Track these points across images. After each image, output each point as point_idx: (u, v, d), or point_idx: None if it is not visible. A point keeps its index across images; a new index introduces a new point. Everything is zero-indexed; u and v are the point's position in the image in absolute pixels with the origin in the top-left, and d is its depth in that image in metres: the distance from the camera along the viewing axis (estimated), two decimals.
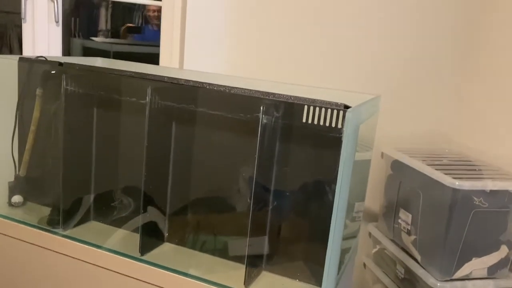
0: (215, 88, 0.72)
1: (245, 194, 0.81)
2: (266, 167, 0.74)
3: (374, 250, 1.67)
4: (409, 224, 1.43)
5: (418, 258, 1.38)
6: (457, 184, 1.23)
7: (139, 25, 3.44)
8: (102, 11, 3.47)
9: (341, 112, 0.67)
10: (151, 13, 3.26)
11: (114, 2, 3.37)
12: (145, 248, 0.84)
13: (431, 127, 1.71)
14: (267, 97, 0.70)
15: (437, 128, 1.71)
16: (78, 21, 3.34)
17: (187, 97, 0.79)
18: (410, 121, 1.70)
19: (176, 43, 1.61)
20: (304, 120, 0.72)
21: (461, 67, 1.66)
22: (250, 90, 0.70)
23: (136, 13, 3.52)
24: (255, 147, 0.74)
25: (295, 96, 0.70)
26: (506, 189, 1.25)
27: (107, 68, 0.81)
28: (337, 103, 0.67)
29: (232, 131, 0.78)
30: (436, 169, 1.32)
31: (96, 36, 3.31)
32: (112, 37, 3.40)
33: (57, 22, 1.52)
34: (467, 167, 1.41)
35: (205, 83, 0.73)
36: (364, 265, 1.71)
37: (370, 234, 1.68)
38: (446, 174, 1.28)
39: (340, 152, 0.67)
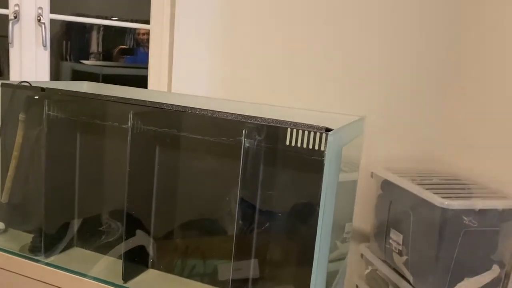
0: (197, 112, 0.72)
1: (230, 218, 0.80)
2: (250, 191, 0.73)
3: (367, 271, 1.65)
4: (400, 245, 1.42)
5: (410, 279, 1.37)
6: (446, 203, 1.23)
7: (132, 47, 3.45)
8: (94, 34, 3.49)
9: (323, 135, 0.67)
10: (140, 36, 3.28)
11: (105, 25, 3.39)
12: (128, 275, 0.82)
13: (421, 147, 1.71)
14: (249, 121, 0.69)
15: (427, 148, 1.72)
16: (69, 45, 3.35)
17: (170, 121, 0.79)
18: (400, 141, 1.70)
19: (165, 66, 1.62)
20: (287, 143, 0.71)
21: (450, 87, 1.68)
22: (232, 114, 0.70)
23: (127, 36, 3.54)
24: (239, 171, 0.73)
25: (277, 119, 0.69)
26: (495, 208, 1.25)
27: (89, 93, 0.80)
28: (319, 126, 0.67)
29: (216, 155, 0.77)
30: (426, 189, 1.32)
31: (87, 59, 3.32)
32: (104, 59, 3.41)
33: (44, 46, 1.53)
34: (456, 186, 1.41)
35: (187, 107, 0.73)
36: (357, 286, 1.69)
37: (362, 255, 1.66)
38: (435, 193, 1.28)
39: (323, 175, 0.66)
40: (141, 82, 1.97)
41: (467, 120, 1.62)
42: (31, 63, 1.53)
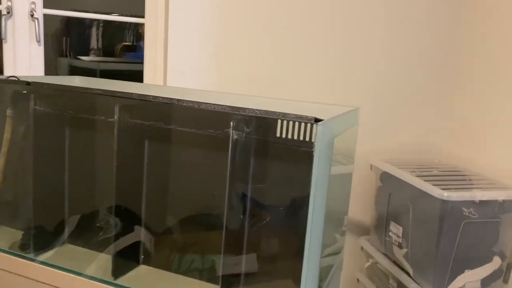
0: (184, 104, 0.70)
1: (221, 212, 0.78)
2: (239, 185, 0.71)
3: (367, 264, 1.63)
4: (400, 237, 1.41)
5: (410, 271, 1.35)
6: (446, 195, 1.21)
7: (132, 43, 3.43)
8: (93, 31, 3.47)
9: (312, 126, 0.65)
10: (142, 31, 3.26)
11: (105, 21, 3.37)
12: (118, 271, 0.81)
13: (421, 138, 1.69)
14: (236, 112, 0.68)
15: (428, 140, 1.69)
16: (68, 41, 3.34)
17: (157, 114, 0.77)
18: (401, 132, 1.68)
19: (160, 60, 1.60)
20: (277, 135, 0.70)
21: (450, 77, 1.65)
22: (219, 105, 0.68)
23: (128, 32, 3.52)
24: (231, 164, 0.71)
25: (266, 110, 0.67)
26: (496, 199, 1.23)
27: (75, 87, 0.79)
28: (308, 116, 0.65)
29: (205, 148, 0.76)
30: (425, 180, 1.30)
31: (87, 55, 3.31)
32: (105, 56, 3.39)
33: (38, 41, 1.51)
34: (457, 177, 1.39)
35: (174, 99, 0.71)
36: (358, 280, 1.68)
37: (362, 248, 1.64)
38: (435, 185, 1.26)
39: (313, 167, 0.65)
40: (140, 77, 1.95)
41: (469, 111, 1.59)
42: (25, 59, 1.52)
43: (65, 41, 3.31)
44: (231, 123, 0.68)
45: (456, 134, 1.64)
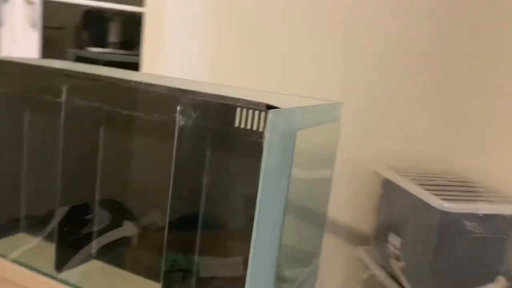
0: (130, 85, 0.64)
1: (172, 207, 0.71)
2: (186, 177, 0.64)
3: (365, 276, 1.53)
4: (398, 249, 1.31)
5: (407, 287, 1.25)
6: (446, 206, 1.10)
7: None
8: (112, 23, 3.50)
9: (262, 113, 0.57)
10: None
11: (125, 15, 3.38)
12: (63, 264, 0.75)
13: (431, 145, 1.58)
14: (182, 95, 0.60)
15: (439, 147, 1.58)
16: (87, 33, 3.37)
17: (109, 96, 0.71)
18: (411, 138, 1.57)
19: (159, 50, 1.55)
20: (230, 123, 0.62)
21: (460, 83, 1.54)
22: (165, 86, 0.61)
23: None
24: (176, 153, 0.64)
25: (215, 95, 0.60)
26: (502, 214, 1.12)
27: (25, 64, 0.73)
28: (259, 103, 0.57)
29: (154, 134, 0.69)
30: (427, 190, 1.20)
31: (104, 47, 3.32)
32: (122, 48, 3.40)
33: (34, 27, 1.49)
34: (462, 188, 1.28)
35: (121, 79, 0.65)
36: None
37: (360, 259, 1.55)
38: (436, 195, 1.16)
39: (262, 160, 0.57)
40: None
41: (480, 119, 1.48)
42: (21, 44, 1.50)
43: (84, 33, 3.34)
44: (178, 108, 0.61)
45: (468, 143, 1.53)
